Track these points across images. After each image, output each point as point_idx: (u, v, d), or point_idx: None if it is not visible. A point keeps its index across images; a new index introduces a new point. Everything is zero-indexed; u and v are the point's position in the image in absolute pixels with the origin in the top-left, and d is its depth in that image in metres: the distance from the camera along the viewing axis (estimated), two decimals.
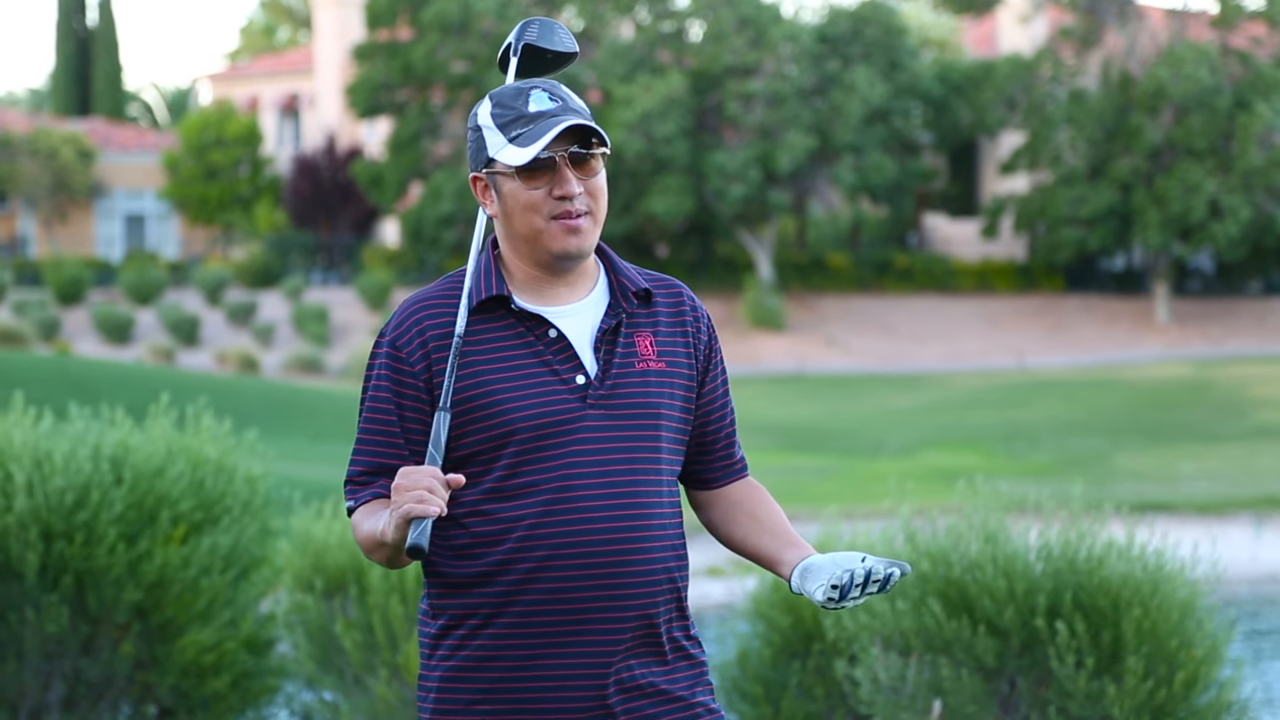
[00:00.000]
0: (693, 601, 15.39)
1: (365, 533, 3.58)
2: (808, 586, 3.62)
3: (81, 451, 8.30)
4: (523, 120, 3.58)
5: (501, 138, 3.59)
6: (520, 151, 3.57)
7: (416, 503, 3.40)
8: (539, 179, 3.59)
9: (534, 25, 3.82)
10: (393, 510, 3.43)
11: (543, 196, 3.59)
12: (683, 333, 3.74)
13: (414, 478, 3.42)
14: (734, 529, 3.82)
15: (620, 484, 3.59)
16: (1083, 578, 7.14)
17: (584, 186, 3.60)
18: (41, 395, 18.11)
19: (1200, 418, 34.50)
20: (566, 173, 3.59)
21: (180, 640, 8.36)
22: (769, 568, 3.77)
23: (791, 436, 31.95)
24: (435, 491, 3.41)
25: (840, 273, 56.35)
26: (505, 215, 3.63)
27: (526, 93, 3.61)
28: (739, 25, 51.92)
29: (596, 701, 3.60)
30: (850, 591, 3.55)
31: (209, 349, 46.48)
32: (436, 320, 3.62)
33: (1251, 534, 21.67)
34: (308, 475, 20.33)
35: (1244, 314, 53.75)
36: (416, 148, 53.39)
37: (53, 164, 61.35)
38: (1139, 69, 52.71)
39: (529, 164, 3.57)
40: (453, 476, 3.45)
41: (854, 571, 3.54)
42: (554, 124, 3.55)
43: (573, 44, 3.84)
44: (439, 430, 3.52)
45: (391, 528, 3.44)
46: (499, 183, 3.62)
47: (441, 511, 3.40)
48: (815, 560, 3.64)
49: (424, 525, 3.39)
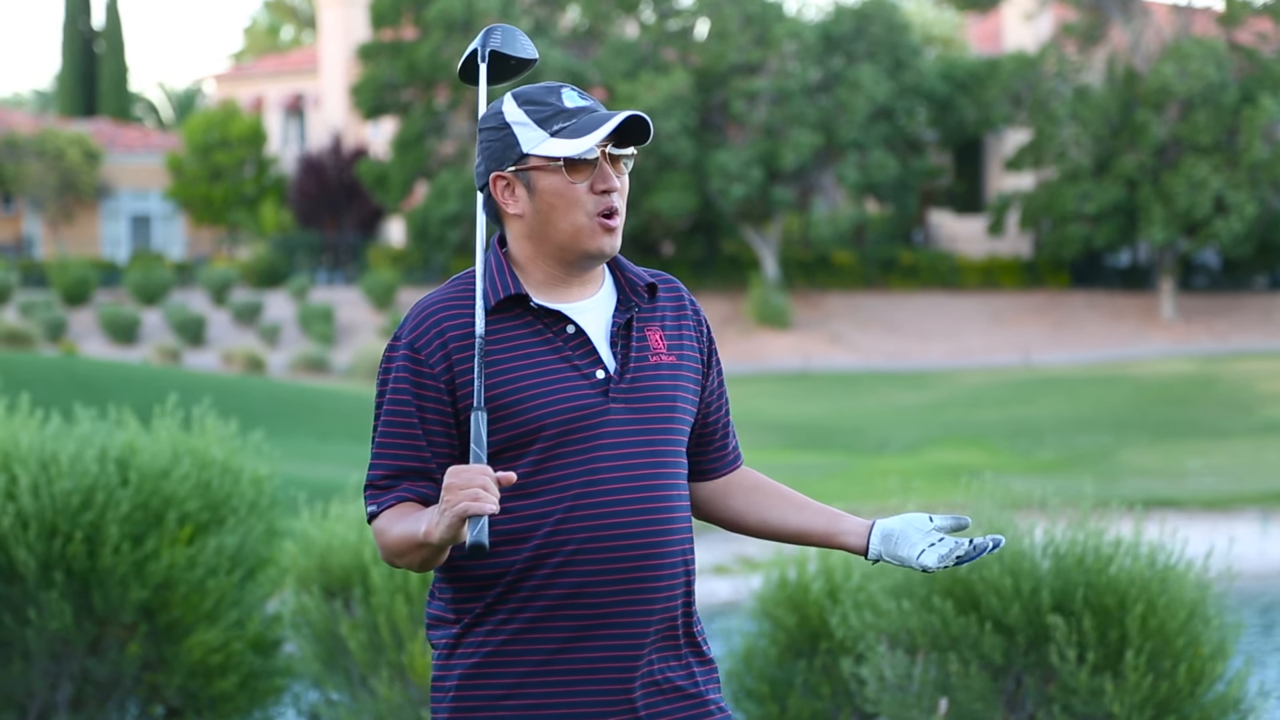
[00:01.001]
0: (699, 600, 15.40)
1: (398, 535, 3.56)
2: (900, 552, 3.70)
3: (88, 453, 8.30)
4: (564, 115, 3.60)
5: (541, 132, 3.60)
6: (569, 143, 3.58)
7: (472, 500, 3.39)
8: (582, 173, 3.60)
9: (497, 32, 3.82)
10: (444, 510, 3.41)
11: (584, 191, 3.61)
12: (687, 327, 3.76)
13: (466, 476, 3.41)
14: (767, 512, 3.84)
15: (644, 477, 3.61)
16: (1090, 575, 7.14)
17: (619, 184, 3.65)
18: (48, 396, 18.13)
19: (1206, 414, 34.49)
20: (608, 168, 3.61)
21: (187, 640, 8.36)
22: (822, 542, 3.80)
23: (797, 434, 31.95)
24: (489, 489, 3.40)
25: (845, 270, 56.34)
26: (540, 212, 3.64)
27: (557, 90, 3.63)
28: (743, 23, 51.92)
29: (622, 697, 3.60)
30: (968, 560, 3.68)
31: (215, 349, 46.51)
32: (455, 321, 3.62)
33: (1258, 529, 21.66)
34: (314, 475, 20.34)
35: (1250, 309, 53.73)
36: (421, 147, 53.40)
37: (59, 165, 61.40)
38: (1144, 65, 52.68)
39: (576, 157, 3.58)
40: (504, 474, 3.44)
41: (975, 543, 3.65)
42: (606, 116, 3.60)
43: (533, 50, 3.84)
44: (479, 429, 3.50)
45: (443, 527, 3.42)
46: (534, 179, 3.63)
47: (496, 509, 3.40)
48: (893, 525, 3.73)
49: (482, 523, 3.39)
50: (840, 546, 3.79)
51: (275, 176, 63.30)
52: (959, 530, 3.72)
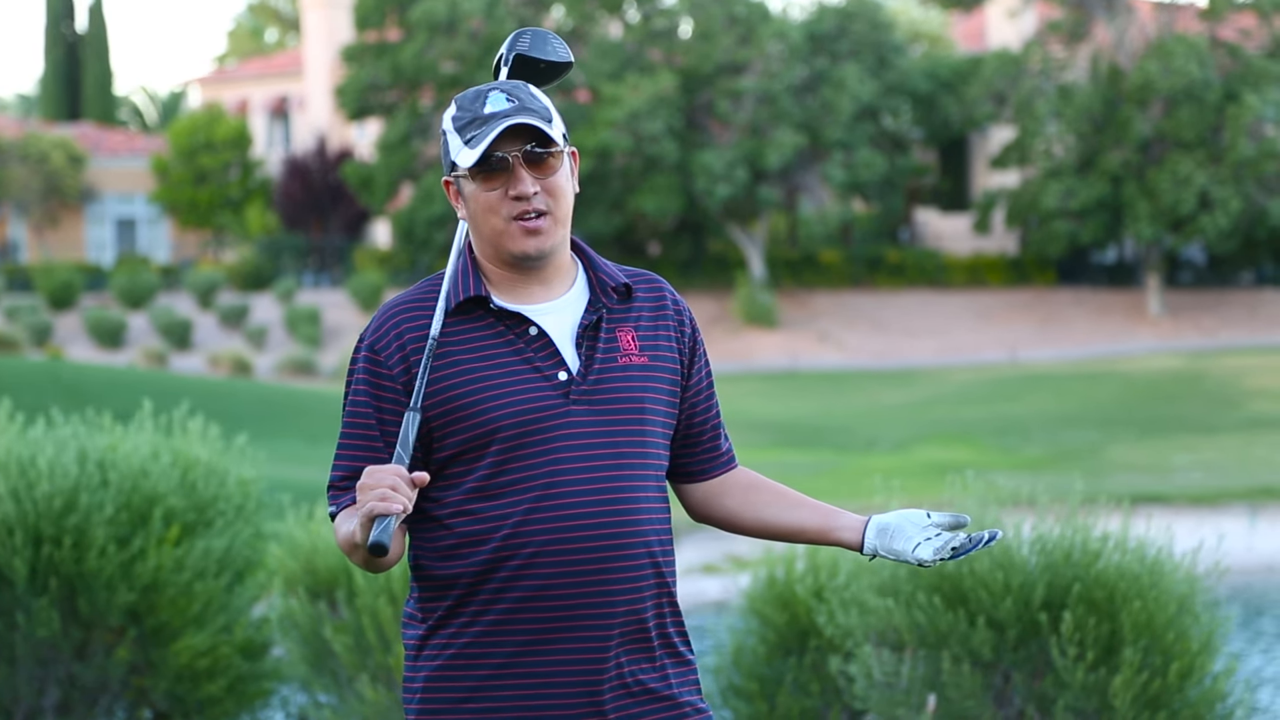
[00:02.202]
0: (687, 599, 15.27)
1: (343, 536, 3.57)
2: (895, 546, 3.70)
3: (66, 456, 8.28)
4: (477, 122, 3.59)
5: (459, 140, 3.61)
6: (470, 153, 3.58)
7: (379, 500, 3.38)
8: (494, 180, 3.60)
9: (526, 35, 3.81)
10: (358, 510, 3.43)
11: (499, 197, 3.60)
12: (665, 327, 3.74)
13: (377, 476, 3.41)
14: (763, 511, 3.83)
15: (606, 479, 3.58)
16: (1079, 571, 7.14)
17: (541, 186, 3.60)
18: (34, 401, 18.10)
19: (1193, 409, 34.52)
20: (520, 172, 3.59)
21: (175, 644, 8.35)
22: (817, 538, 3.80)
23: (785, 432, 31.95)
24: (399, 489, 3.40)
25: (832, 269, 56.38)
26: (472, 217, 3.65)
27: (485, 94, 3.62)
28: (728, 23, 51.94)
29: (588, 699, 3.59)
30: (964, 553, 3.69)
31: (201, 352, 46.47)
32: (414, 323, 3.63)
33: (1246, 524, 21.68)
34: (302, 477, 20.33)
35: (1236, 305, 53.82)
36: (407, 148, 53.38)
37: (43, 169, 61.31)
38: (1128, 62, 52.74)
39: (479, 165, 3.58)
40: (418, 475, 3.44)
41: (972, 537, 3.67)
42: (497, 125, 3.57)
43: (567, 54, 3.83)
44: (407, 430, 3.52)
45: (358, 527, 3.44)
46: (462, 185, 3.65)
47: (405, 509, 3.39)
48: (889, 520, 3.73)
49: (386, 523, 3.38)
50: (836, 542, 3.79)
51: (260, 179, 63.25)
52: (957, 528, 3.72)
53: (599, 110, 50.18)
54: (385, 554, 3.39)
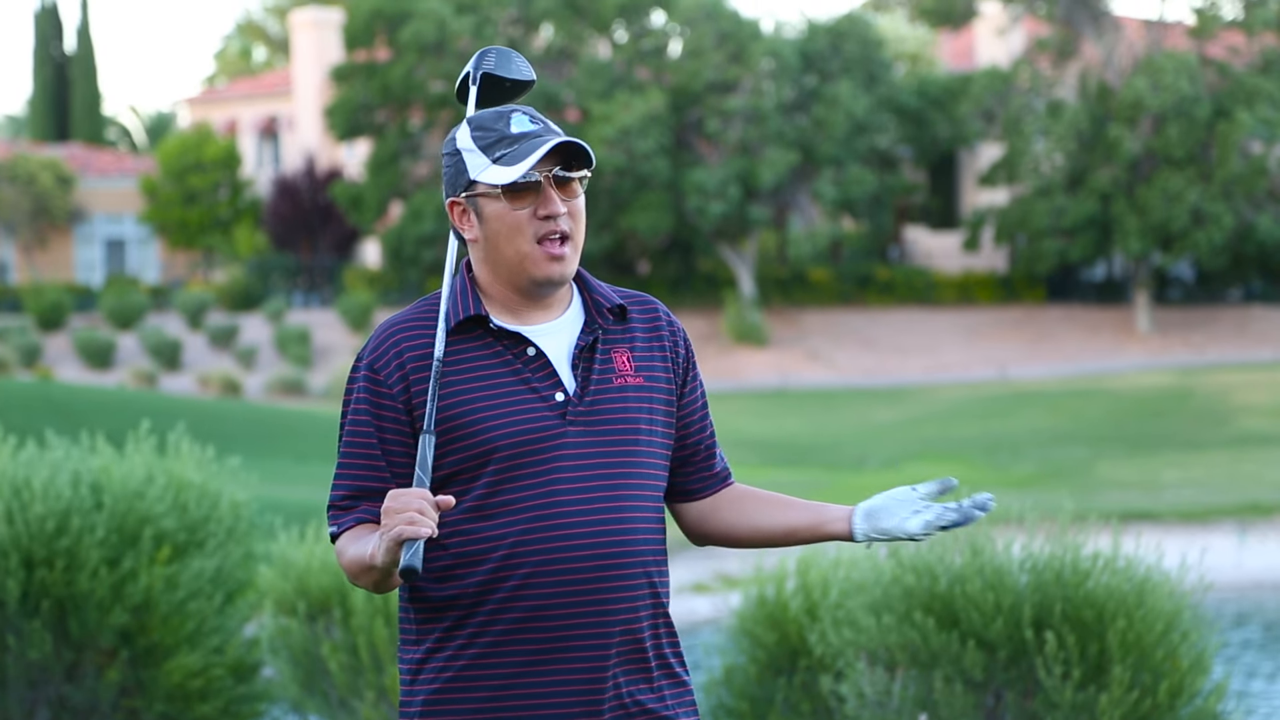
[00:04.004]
0: (679, 618, 15.32)
1: (352, 557, 3.57)
2: (884, 525, 3.72)
3: (61, 478, 8.28)
4: (506, 141, 3.60)
5: (485, 159, 3.60)
6: (507, 170, 3.58)
7: (407, 524, 3.39)
8: (524, 199, 3.60)
9: (491, 54, 3.83)
10: (383, 533, 3.42)
11: (527, 217, 3.60)
12: (660, 348, 3.75)
13: (404, 500, 3.41)
14: (756, 518, 3.85)
15: (601, 499, 3.59)
16: (1069, 590, 7.14)
17: (567, 208, 3.62)
18: (23, 422, 18.09)
19: (1183, 426, 34.56)
20: (551, 193, 3.60)
21: (166, 664, 8.34)
22: (810, 535, 3.81)
23: (775, 451, 31.96)
24: (426, 513, 3.40)
25: (822, 287, 56.41)
26: (488, 239, 3.64)
27: (507, 116, 3.63)
28: (718, 40, 51.98)
29: (587, 719, 3.59)
30: (956, 526, 3.71)
31: (191, 373, 46.41)
32: (414, 343, 3.63)
33: (1236, 541, 21.69)
34: (292, 497, 20.31)
35: (1225, 322, 53.88)
36: (396, 168, 53.39)
37: (32, 190, 61.25)
38: (1117, 80, 52.84)
39: (516, 183, 3.58)
40: (443, 498, 3.45)
41: (963, 509, 3.68)
42: (542, 142, 3.58)
43: (530, 72, 3.85)
44: (425, 453, 3.52)
45: (382, 551, 3.43)
46: (481, 205, 3.63)
47: (433, 532, 3.40)
48: (875, 502, 3.75)
49: (416, 546, 3.39)
50: (829, 535, 3.81)
51: (250, 199, 63.20)
52: (947, 493, 3.73)
53: (589, 129, 50.19)
54: (417, 577, 3.40)
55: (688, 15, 52.18)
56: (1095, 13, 53.54)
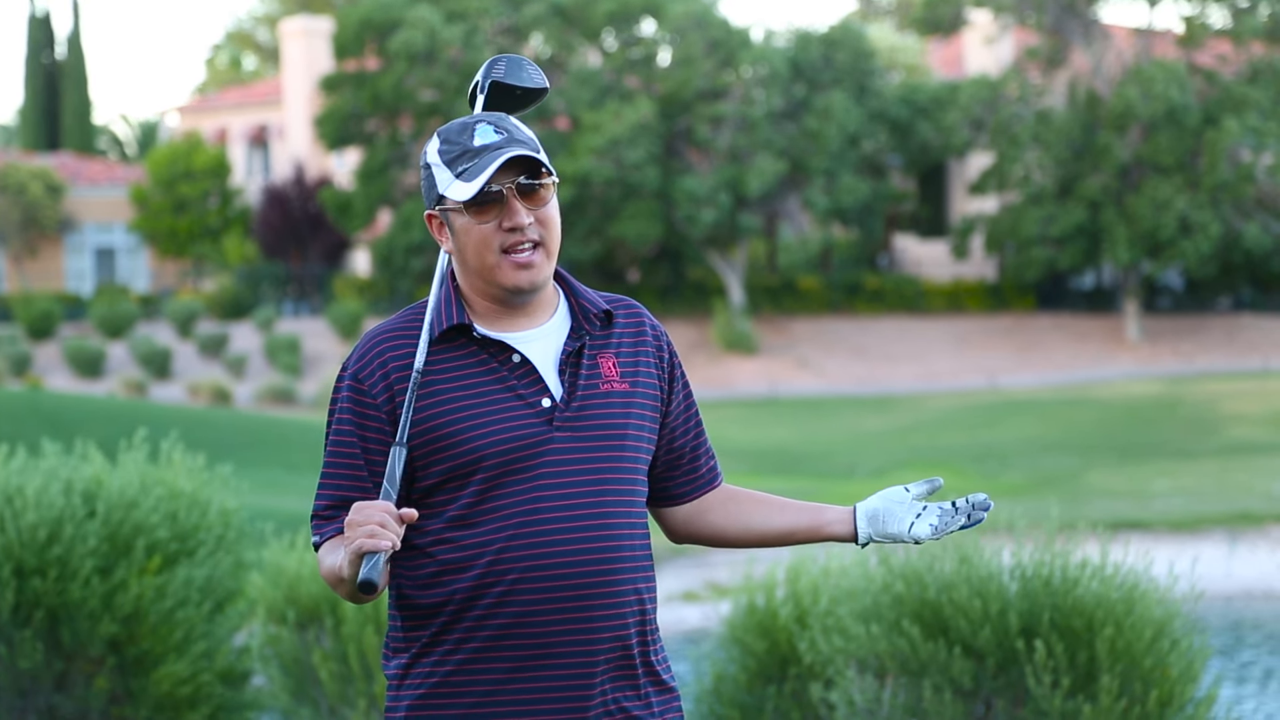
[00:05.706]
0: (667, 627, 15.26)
1: (327, 568, 3.58)
2: (890, 529, 3.77)
3: (54, 486, 8.28)
4: (468, 155, 3.60)
5: (449, 174, 3.62)
6: (465, 186, 3.58)
7: (368, 537, 3.39)
8: (487, 212, 3.61)
9: (501, 62, 3.83)
10: (345, 545, 3.43)
11: (493, 230, 3.61)
12: (645, 352, 3.76)
13: (366, 513, 3.42)
14: (749, 519, 3.86)
15: (588, 505, 3.60)
16: (1057, 598, 7.16)
17: (534, 217, 3.62)
18: (13, 431, 18.07)
19: (1172, 435, 34.59)
20: (515, 204, 3.60)
21: (156, 673, 8.33)
22: (808, 536, 3.84)
23: (764, 459, 31.96)
24: (387, 526, 3.40)
25: (811, 295, 56.44)
26: (459, 251, 3.65)
27: (472, 127, 3.63)
28: (708, 49, 52.01)
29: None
30: (954, 526, 3.78)
31: (181, 381, 46.37)
32: (399, 353, 3.64)
33: (1225, 550, 21.71)
34: (282, 506, 20.30)
35: (1214, 330, 53.94)
36: (386, 177, 53.39)
37: (22, 199, 61.20)
38: (1106, 88, 52.91)
39: (475, 198, 3.58)
40: (406, 511, 3.44)
41: (971, 516, 3.75)
42: (495, 157, 3.57)
43: (542, 80, 3.85)
44: (394, 466, 3.52)
45: (346, 563, 3.44)
46: (451, 219, 3.65)
47: (394, 546, 3.39)
48: (875, 505, 3.79)
49: (375, 560, 3.38)
50: (828, 537, 3.82)
51: (240, 208, 63.17)
52: (935, 493, 3.78)
53: (579, 138, 50.20)
54: (375, 592, 3.40)
55: (677, 24, 52.20)
56: (1084, 22, 53.62)
